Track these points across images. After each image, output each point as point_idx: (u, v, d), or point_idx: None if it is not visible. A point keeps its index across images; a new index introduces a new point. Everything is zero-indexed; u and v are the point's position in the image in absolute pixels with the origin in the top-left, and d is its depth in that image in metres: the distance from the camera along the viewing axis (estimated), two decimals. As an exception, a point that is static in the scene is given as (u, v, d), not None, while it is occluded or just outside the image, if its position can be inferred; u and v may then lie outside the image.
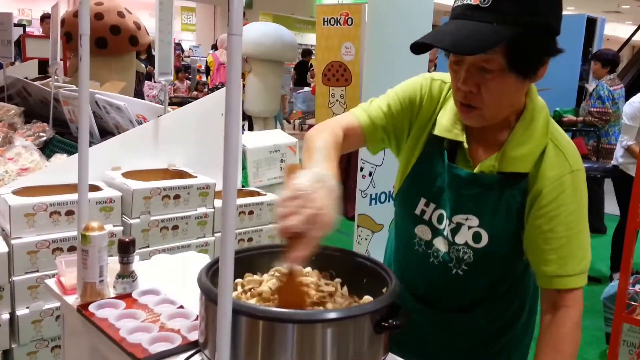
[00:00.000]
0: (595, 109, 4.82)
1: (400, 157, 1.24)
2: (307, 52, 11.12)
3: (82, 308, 1.13)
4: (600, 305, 2.91)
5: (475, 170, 1.10)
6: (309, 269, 1.11)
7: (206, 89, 8.10)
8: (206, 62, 8.55)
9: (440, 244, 1.16)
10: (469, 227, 1.11)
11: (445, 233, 1.14)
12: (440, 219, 1.15)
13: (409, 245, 1.22)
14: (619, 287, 1.62)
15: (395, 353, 1.01)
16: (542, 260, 1.08)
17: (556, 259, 1.07)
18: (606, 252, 4.18)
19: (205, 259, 1.52)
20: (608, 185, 5.94)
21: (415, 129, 1.19)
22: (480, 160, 1.11)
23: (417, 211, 1.17)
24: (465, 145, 1.12)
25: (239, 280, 1.07)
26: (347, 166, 5.29)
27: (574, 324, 1.07)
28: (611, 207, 5.75)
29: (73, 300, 1.21)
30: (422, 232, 1.18)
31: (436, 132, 1.14)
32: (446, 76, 1.16)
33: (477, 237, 1.11)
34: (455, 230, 1.13)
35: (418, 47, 1.02)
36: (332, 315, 0.87)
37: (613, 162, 3.89)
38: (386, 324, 0.89)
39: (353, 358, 0.89)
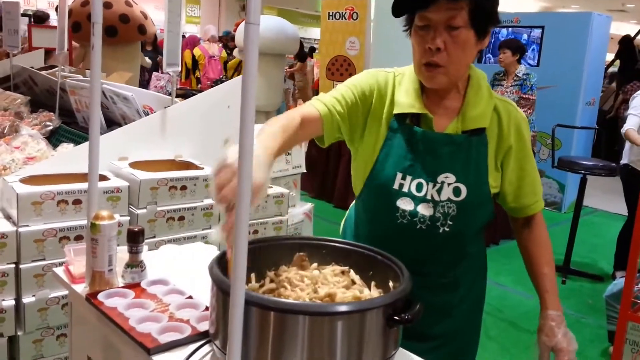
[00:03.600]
0: (525, 95, 4.71)
1: (359, 146, 1.34)
2: (312, 50, 11.02)
3: (91, 297, 1.13)
4: (602, 304, 2.90)
5: (445, 132, 1.27)
6: (313, 266, 1.11)
7: (199, 86, 7.87)
8: (193, 57, 8.27)
9: (424, 210, 1.26)
10: (449, 184, 1.26)
11: (428, 197, 1.26)
12: (419, 187, 1.27)
13: (390, 220, 1.29)
14: (625, 285, 1.62)
15: None
16: (520, 195, 1.34)
17: (530, 190, 1.35)
18: (608, 250, 4.19)
19: (212, 250, 1.52)
20: (612, 184, 5.94)
21: (372, 118, 1.31)
22: (441, 127, 1.28)
23: (396, 186, 1.27)
24: (430, 115, 1.26)
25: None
26: (350, 160, 5.30)
27: (547, 235, 1.38)
28: (616, 205, 5.76)
29: (81, 288, 1.21)
30: (404, 203, 1.27)
31: (398, 111, 1.28)
32: (386, 69, 1.34)
33: (457, 191, 1.26)
34: (439, 190, 1.26)
35: (399, 7, 1.20)
36: (344, 308, 0.87)
37: (622, 161, 3.85)
38: (398, 318, 0.89)
39: (364, 351, 0.88)
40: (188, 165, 2.20)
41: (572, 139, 5.70)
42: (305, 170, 3.26)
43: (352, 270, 1.11)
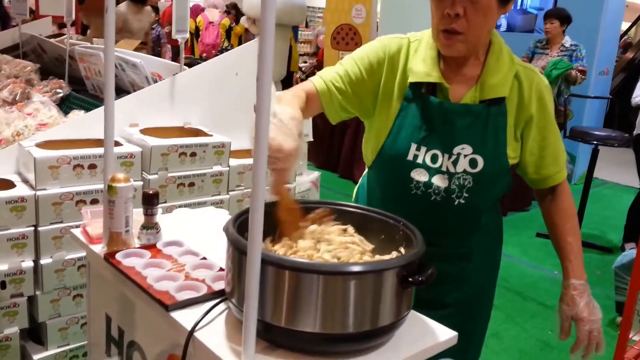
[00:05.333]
0: (583, 67, 4.67)
1: (372, 119, 1.31)
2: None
3: (109, 256, 1.16)
4: (610, 275, 2.93)
5: (462, 102, 1.23)
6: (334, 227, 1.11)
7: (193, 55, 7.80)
8: (195, 25, 8.19)
9: (438, 181, 1.24)
10: (465, 156, 1.23)
11: (443, 169, 1.23)
12: (434, 158, 1.24)
13: (404, 192, 1.27)
14: (637, 255, 1.62)
15: None
16: (542, 166, 1.30)
17: (551, 161, 1.31)
18: (618, 223, 4.19)
19: (224, 214, 1.55)
20: (624, 156, 5.90)
21: (384, 91, 1.27)
22: (458, 96, 1.24)
23: (410, 157, 1.25)
24: (447, 84, 1.22)
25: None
26: (356, 131, 5.29)
27: (571, 204, 1.35)
28: (627, 178, 5.73)
29: (99, 249, 1.23)
30: (419, 174, 1.25)
31: (414, 79, 1.24)
32: (400, 35, 1.30)
33: (473, 163, 1.23)
34: (455, 162, 1.23)
35: None
36: (359, 268, 0.88)
37: (636, 131, 3.80)
38: (412, 279, 0.90)
39: (377, 311, 0.90)
40: (197, 133, 2.21)
41: (585, 109, 5.64)
42: (312, 139, 3.26)
43: (350, 228, 1.10)
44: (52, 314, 1.80)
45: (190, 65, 2.56)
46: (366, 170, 1.48)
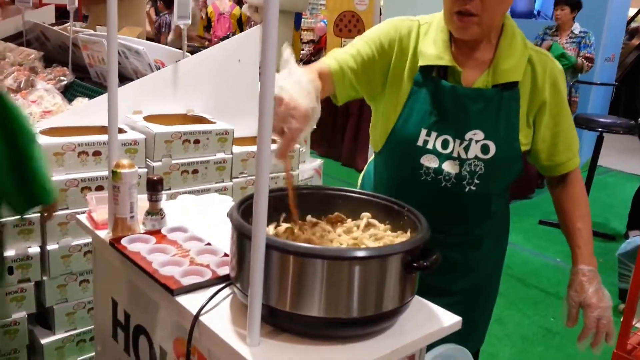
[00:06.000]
0: (590, 55, 4.64)
1: (380, 102, 1.29)
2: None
3: (115, 242, 1.17)
4: (614, 262, 2.93)
5: (474, 87, 1.20)
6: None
7: (206, 42, 7.78)
8: (207, 15, 8.16)
9: (449, 167, 1.22)
10: (477, 142, 1.20)
11: (454, 154, 1.21)
12: (445, 144, 1.21)
13: (413, 178, 1.25)
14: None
15: None
16: (554, 153, 1.27)
17: (564, 148, 1.27)
18: (622, 210, 4.18)
19: (228, 201, 1.55)
20: (628, 143, 5.87)
21: (394, 73, 1.25)
22: (470, 80, 1.21)
23: (420, 142, 1.22)
24: (459, 68, 1.19)
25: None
26: (359, 120, 5.27)
27: (583, 191, 1.32)
28: (632, 166, 5.71)
29: (105, 234, 1.24)
30: (429, 160, 1.23)
31: (424, 63, 1.21)
32: (410, 17, 1.27)
33: (485, 149, 1.21)
34: (467, 148, 1.21)
35: None
36: (362, 253, 0.88)
37: None
38: (416, 265, 0.90)
39: (381, 296, 0.90)
40: (200, 120, 2.21)
41: (590, 96, 5.60)
42: (315, 127, 3.25)
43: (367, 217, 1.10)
44: (59, 299, 1.82)
45: (192, 52, 2.56)
46: (371, 157, 1.47)
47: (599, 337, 1.20)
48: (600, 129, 3.96)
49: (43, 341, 1.81)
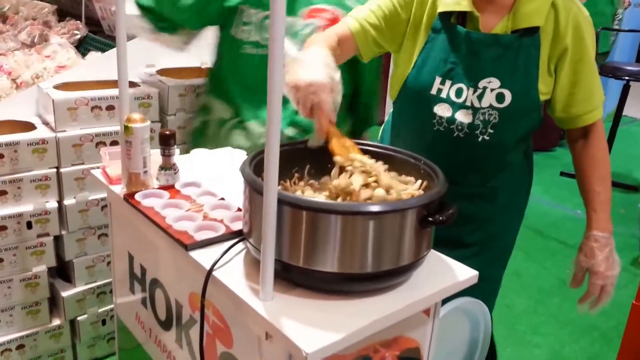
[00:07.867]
0: None
1: (401, 52, 1.27)
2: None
3: (129, 197, 1.17)
4: (635, 213, 2.89)
5: (492, 32, 1.17)
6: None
7: None
8: None
9: (461, 116, 1.20)
10: (492, 90, 1.17)
11: (467, 103, 1.19)
12: (458, 93, 1.19)
13: (426, 129, 1.23)
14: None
15: None
16: (571, 103, 1.22)
17: (583, 98, 1.21)
18: (643, 161, 4.09)
19: (242, 154, 1.54)
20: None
21: (413, 23, 1.23)
22: (489, 26, 1.18)
23: (434, 91, 1.21)
24: (477, 13, 1.16)
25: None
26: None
27: (604, 150, 1.26)
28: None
29: (119, 189, 1.24)
30: (442, 109, 1.21)
31: (443, 9, 1.18)
32: None
33: (500, 98, 1.18)
34: (480, 96, 1.18)
35: None
36: (377, 208, 0.86)
37: None
38: (432, 219, 0.89)
39: (397, 252, 0.89)
40: (215, 72, 2.17)
41: (617, 43, 5.37)
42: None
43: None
44: (79, 252, 1.85)
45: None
46: (391, 109, 1.44)
47: (600, 302, 1.21)
48: (627, 77, 3.82)
49: (64, 294, 1.85)
